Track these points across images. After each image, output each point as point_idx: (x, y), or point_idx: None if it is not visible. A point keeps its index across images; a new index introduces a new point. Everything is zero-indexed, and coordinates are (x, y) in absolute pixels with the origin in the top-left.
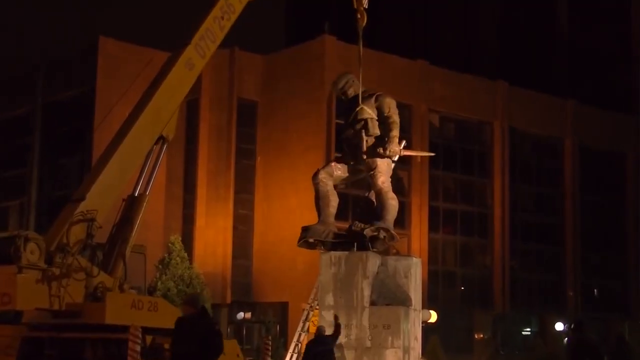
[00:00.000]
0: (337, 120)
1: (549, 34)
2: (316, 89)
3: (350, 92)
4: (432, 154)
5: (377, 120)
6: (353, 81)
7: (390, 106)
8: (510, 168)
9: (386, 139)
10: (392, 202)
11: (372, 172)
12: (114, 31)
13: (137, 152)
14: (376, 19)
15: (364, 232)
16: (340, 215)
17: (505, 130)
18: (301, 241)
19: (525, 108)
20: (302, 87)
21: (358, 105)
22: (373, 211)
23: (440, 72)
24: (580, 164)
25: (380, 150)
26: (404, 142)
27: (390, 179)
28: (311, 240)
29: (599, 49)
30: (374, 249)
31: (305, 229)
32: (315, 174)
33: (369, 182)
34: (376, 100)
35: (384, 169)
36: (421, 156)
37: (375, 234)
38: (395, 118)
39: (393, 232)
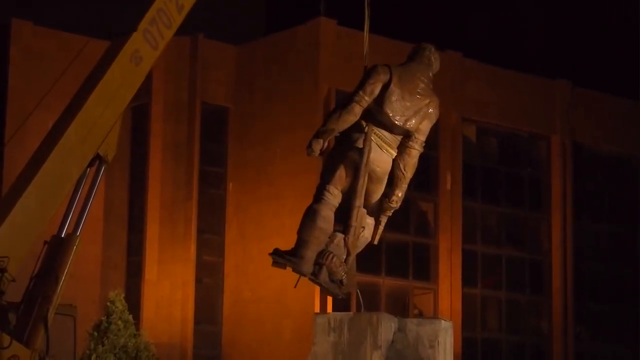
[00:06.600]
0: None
1: (629, 16)
2: (308, 90)
3: (435, 68)
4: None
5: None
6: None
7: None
8: (574, 198)
9: None
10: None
11: None
12: (32, 13)
13: (64, 177)
14: None
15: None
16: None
17: (567, 147)
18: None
19: (595, 117)
20: (288, 89)
21: None
22: None
23: (478, 67)
24: None
25: None
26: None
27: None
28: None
29: None
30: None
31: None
32: None
33: None
34: None
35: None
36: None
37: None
38: (345, 103)
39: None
